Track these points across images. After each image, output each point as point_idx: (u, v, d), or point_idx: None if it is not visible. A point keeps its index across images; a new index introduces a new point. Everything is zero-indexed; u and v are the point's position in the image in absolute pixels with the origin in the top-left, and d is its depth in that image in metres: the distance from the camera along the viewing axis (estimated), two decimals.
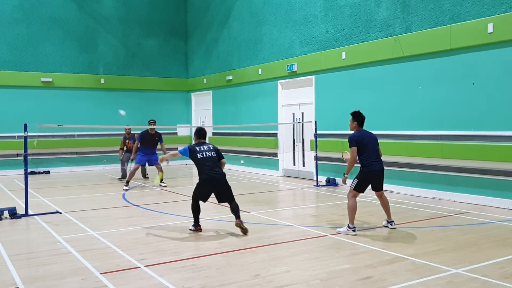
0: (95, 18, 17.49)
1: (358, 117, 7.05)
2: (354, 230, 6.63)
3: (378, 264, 5.24)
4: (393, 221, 7.07)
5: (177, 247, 6.13)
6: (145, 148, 12.24)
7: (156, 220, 7.92)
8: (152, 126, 12.43)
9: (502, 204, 8.57)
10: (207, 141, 7.61)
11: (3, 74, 15.77)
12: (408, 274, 4.86)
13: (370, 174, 6.79)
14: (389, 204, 7.15)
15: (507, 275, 4.80)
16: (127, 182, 12.06)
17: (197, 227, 7.05)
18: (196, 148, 7.10)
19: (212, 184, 6.96)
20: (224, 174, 7.14)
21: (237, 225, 6.73)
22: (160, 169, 11.58)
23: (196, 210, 7.04)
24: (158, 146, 12.52)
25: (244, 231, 6.70)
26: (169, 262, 5.44)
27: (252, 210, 8.68)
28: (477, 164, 8.97)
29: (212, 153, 7.10)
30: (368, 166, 6.77)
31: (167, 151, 12.03)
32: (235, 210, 6.87)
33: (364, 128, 7.08)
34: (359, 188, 6.79)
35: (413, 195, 10.11)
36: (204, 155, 7.02)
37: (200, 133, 7.42)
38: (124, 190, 11.58)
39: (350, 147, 6.82)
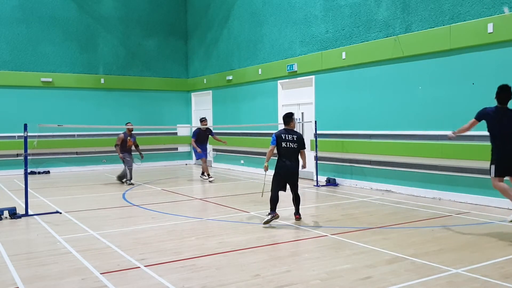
0: (95, 18, 17.49)
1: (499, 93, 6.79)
2: None
3: (378, 264, 5.24)
4: None
5: (177, 247, 6.13)
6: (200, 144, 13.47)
7: (156, 220, 7.92)
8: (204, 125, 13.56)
9: (502, 204, 8.57)
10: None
11: (3, 74, 15.77)
12: (408, 274, 4.86)
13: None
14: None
15: (507, 275, 4.80)
16: (208, 175, 13.40)
17: (274, 214, 7.30)
18: (282, 135, 7.59)
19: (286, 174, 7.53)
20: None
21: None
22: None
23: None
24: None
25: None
26: (169, 262, 5.44)
27: (252, 210, 8.68)
28: (477, 164, 8.96)
29: (294, 144, 7.51)
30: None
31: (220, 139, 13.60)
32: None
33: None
34: (499, 171, 6.45)
35: (413, 195, 10.11)
36: (288, 145, 7.50)
37: (287, 117, 7.73)
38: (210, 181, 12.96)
39: (474, 118, 6.80)
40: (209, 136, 13.79)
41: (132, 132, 13.25)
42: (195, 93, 19.13)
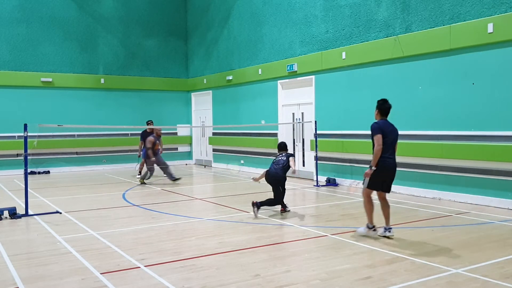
0: (95, 18, 17.49)
1: (380, 105, 6.53)
2: (374, 230, 6.37)
3: (378, 264, 5.24)
4: (391, 228, 6.46)
5: (177, 247, 6.13)
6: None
7: (156, 220, 7.92)
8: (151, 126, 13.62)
9: (502, 204, 8.57)
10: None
11: (3, 74, 15.77)
12: (408, 274, 4.86)
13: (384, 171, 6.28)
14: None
15: (507, 275, 4.80)
16: (140, 173, 13.43)
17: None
18: (275, 158, 8.71)
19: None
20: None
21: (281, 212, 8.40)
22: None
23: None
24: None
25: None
26: (169, 262, 5.44)
27: (252, 210, 8.67)
28: (477, 164, 8.97)
29: (283, 157, 8.57)
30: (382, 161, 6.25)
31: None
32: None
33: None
34: (372, 185, 6.37)
35: (413, 195, 10.11)
36: (277, 158, 8.61)
37: (280, 146, 8.92)
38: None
39: (373, 135, 6.29)
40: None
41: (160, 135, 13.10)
42: (195, 93, 19.13)
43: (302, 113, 13.64)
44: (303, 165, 13.58)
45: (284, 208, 8.43)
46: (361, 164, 11.45)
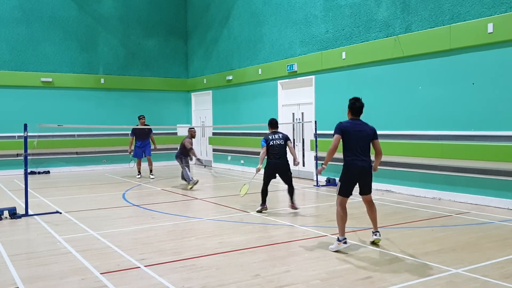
0: (95, 18, 17.49)
1: (351, 104, 6.18)
2: (345, 242, 5.80)
3: (378, 264, 5.24)
4: (378, 232, 6.13)
5: (177, 247, 6.13)
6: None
7: (156, 220, 7.92)
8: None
9: (502, 204, 8.57)
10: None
11: (3, 74, 15.76)
12: (408, 274, 4.87)
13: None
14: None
15: (507, 275, 4.80)
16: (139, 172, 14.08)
17: (264, 206, 8.50)
18: (269, 136, 8.55)
19: (275, 168, 8.56)
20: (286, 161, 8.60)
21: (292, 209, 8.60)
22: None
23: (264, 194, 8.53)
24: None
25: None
26: (169, 262, 5.44)
27: (252, 210, 8.67)
28: (477, 164, 8.97)
29: (281, 141, 8.51)
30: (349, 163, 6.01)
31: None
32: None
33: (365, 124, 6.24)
34: (343, 191, 6.04)
35: (413, 195, 10.11)
36: (274, 143, 8.44)
37: (272, 123, 8.83)
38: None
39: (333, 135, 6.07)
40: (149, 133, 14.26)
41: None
42: (195, 93, 19.13)
43: (302, 113, 13.64)
44: (303, 165, 13.58)
45: (294, 204, 8.60)
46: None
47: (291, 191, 8.60)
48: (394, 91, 10.60)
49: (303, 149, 13.61)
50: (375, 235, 6.10)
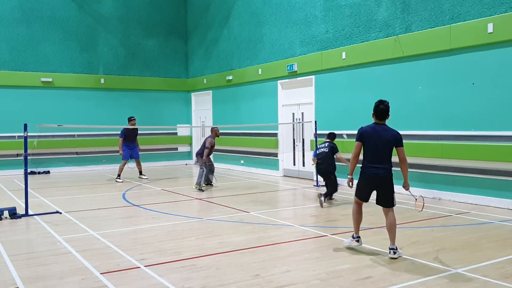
0: (95, 18, 17.49)
1: (375, 107, 5.95)
2: (358, 241, 5.79)
3: (378, 264, 5.24)
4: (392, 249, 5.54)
5: (177, 247, 6.13)
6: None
7: (156, 220, 7.92)
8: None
9: (502, 204, 8.58)
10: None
11: (3, 74, 15.76)
12: (408, 274, 4.87)
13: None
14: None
15: (507, 275, 4.80)
16: (119, 175, 13.50)
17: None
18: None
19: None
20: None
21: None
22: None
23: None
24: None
25: None
26: (169, 262, 5.44)
27: (252, 210, 8.68)
28: (477, 164, 8.97)
29: (325, 149, 9.59)
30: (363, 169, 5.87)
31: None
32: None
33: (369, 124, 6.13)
34: (357, 193, 5.98)
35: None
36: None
37: (328, 135, 10.15)
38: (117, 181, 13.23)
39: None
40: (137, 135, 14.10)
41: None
42: (195, 93, 19.13)
43: (302, 113, 13.64)
44: (303, 165, 13.58)
45: (331, 197, 9.37)
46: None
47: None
48: (394, 91, 10.59)
49: (303, 149, 13.60)
50: (389, 252, 5.49)
